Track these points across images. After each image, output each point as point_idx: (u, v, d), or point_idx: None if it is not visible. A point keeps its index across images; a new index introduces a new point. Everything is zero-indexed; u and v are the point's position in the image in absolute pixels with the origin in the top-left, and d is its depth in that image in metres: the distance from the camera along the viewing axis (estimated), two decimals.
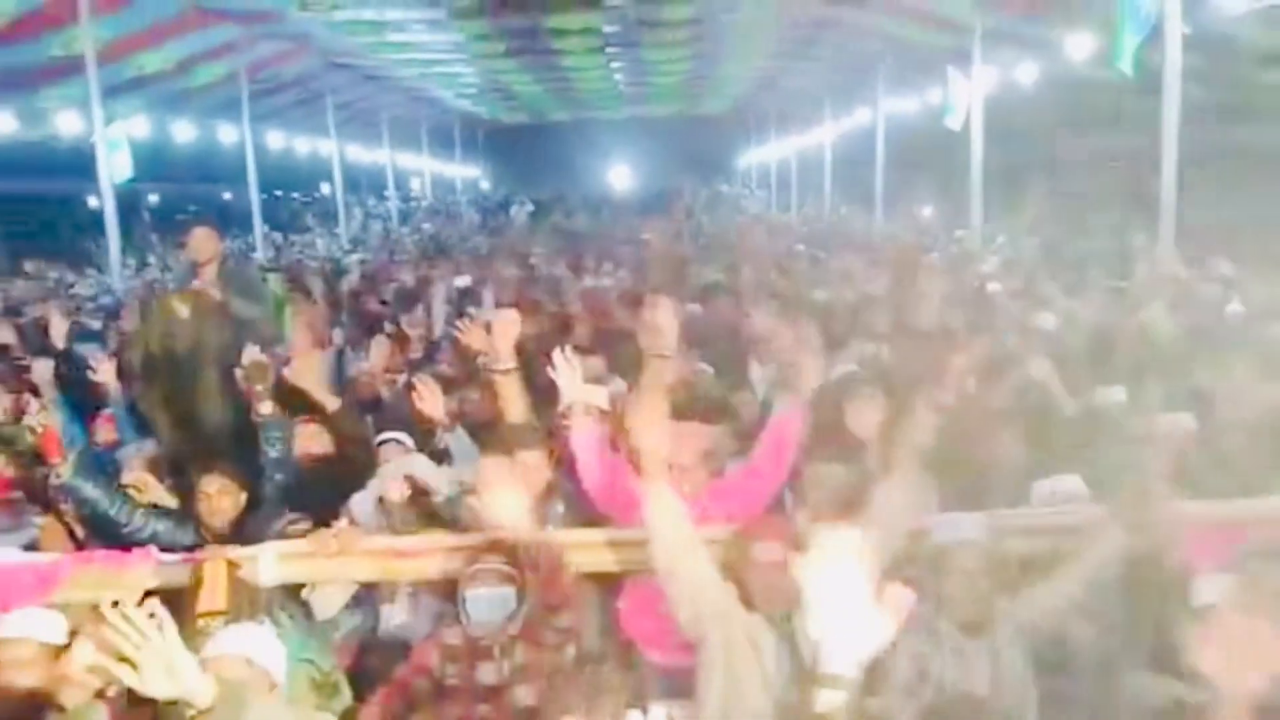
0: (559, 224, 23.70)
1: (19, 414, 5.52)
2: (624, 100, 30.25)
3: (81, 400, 5.99)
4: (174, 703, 2.07)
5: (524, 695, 2.95)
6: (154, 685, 2.03)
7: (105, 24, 11.96)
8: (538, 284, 9.82)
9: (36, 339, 8.50)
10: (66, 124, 13.56)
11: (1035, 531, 3.35)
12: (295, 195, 30.07)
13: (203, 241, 5.40)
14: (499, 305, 7.70)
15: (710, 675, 2.83)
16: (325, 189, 24.50)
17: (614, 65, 23.27)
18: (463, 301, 8.69)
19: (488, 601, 2.97)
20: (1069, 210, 15.79)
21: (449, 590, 3.11)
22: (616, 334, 5.88)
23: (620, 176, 38.08)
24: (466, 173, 37.40)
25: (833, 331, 6.45)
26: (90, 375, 5.61)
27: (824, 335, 6.06)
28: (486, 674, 2.96)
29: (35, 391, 6.27)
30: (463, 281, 10.13)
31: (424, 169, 33.34)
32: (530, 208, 28.59)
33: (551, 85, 25.76)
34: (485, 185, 38.74)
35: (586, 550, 3.30)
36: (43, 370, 6.37)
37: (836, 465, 3.56)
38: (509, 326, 3.92)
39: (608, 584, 3.48)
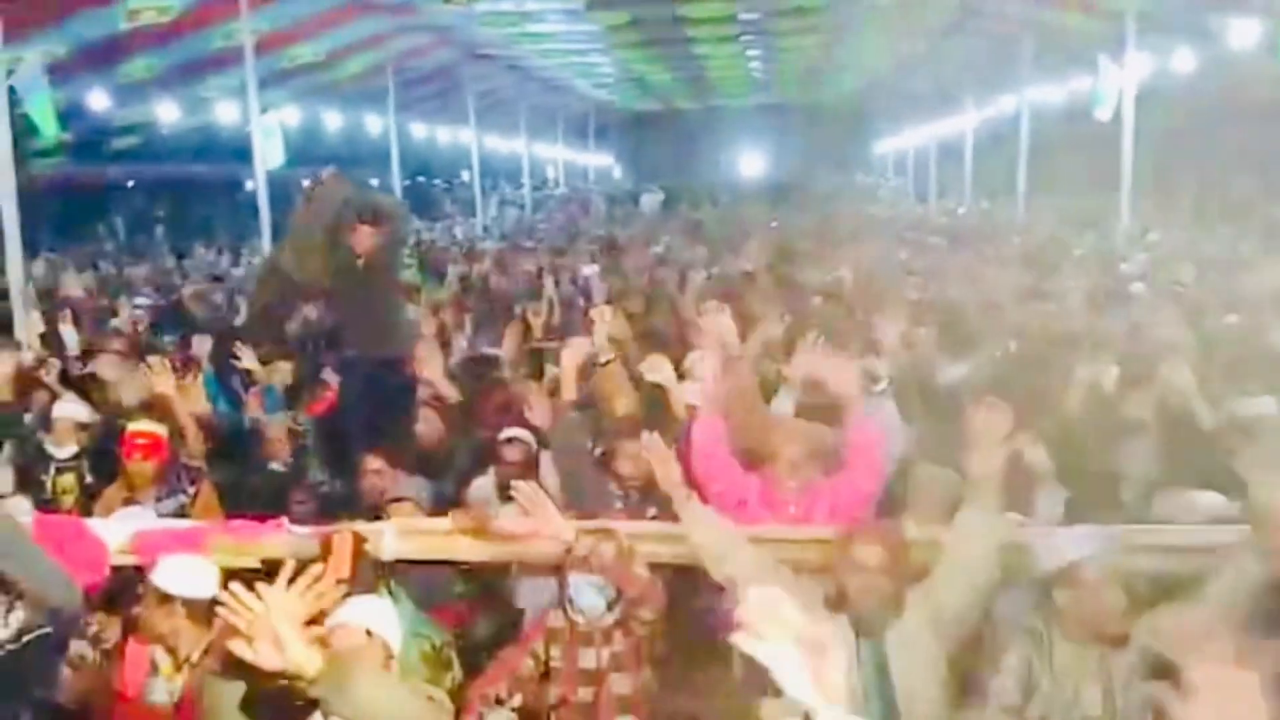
0: (685, 213, 23.75)
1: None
2: (757, 87, 30.05)
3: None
4: (282, 673, 2.18)
5: (620, 683, 3.03)
6: (265, 657, 2.15)
7: (263, 17, 12.62)
8: (661, 274, 9.86)
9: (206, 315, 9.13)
10: (225, 112, 14.35)
11: (1168, 549, 3.20)
12: (436, 181, 31.00)
13: (364, 237, 5.68)
14: (613, 296, 7.82)
15: None
16: (465, 176, 25.20)
17: (749, 53, 23.15)
18: (585, 290, 8.82)
19: (588, 588, 3.06)
20: (1225, 206, 14.87)
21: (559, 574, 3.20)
22: None
23: (751, 164, 37.72)
24: (600, 161, 37.83)
25: (961, 332, 6.29)
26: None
27: (952, 336, 5.96)
28: (587, 659, 3.05)
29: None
30: (589, 270, 10.27)
31: (559, 157, 33.89)
32: (660, 196, 28.68)
33: (684, 73, 25.85)
34: (617, 174, 39.06)
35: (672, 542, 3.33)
36: (200, 345, 6.84)
37: (942, 469, 3.50)
38: (603, 320, 4.02)
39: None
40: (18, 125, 8.05)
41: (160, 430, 4.52)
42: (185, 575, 3.18)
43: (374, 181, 24.31)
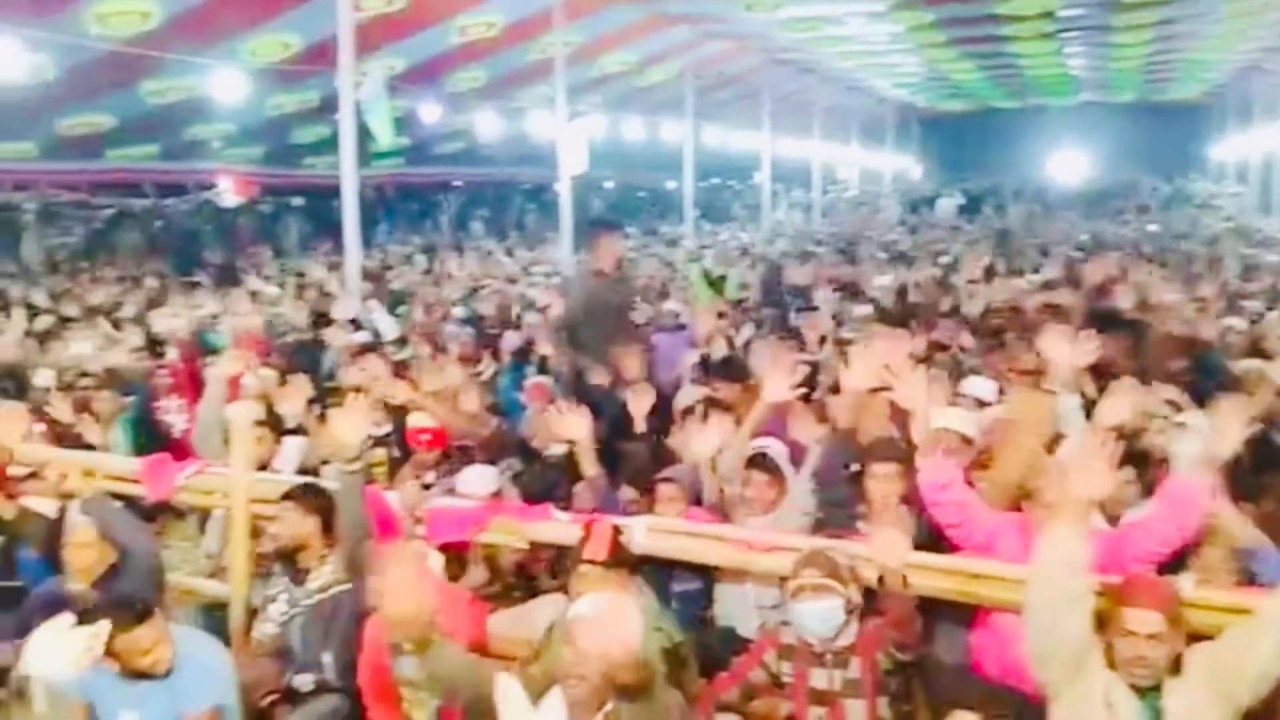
0: (988, 220, 22.55)
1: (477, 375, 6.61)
2: (1077, 86, 27.97)
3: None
4: None
5: (856, 709, 3.00)
6: None
7: (575, 30, 13.44)
8: (950, 287, 9.43)
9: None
10: (538, 119, 15.34)
11: None
12: (731, 183, 31.47)
13: (604, 247, 6.02)
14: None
15: None
16: (757, 179, 25.44)
17: (1068, 50, 21.62)
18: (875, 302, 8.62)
19: (812, 615, 3.03)
20: None
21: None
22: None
23: (1066, 168, 34.96)
24: (897, 163, 36.69)
25: None
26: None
27: None
28: (818, 679, 3.04)
29: (497, 358, 7.38)
30: (883, 280, 9.95)
31: (853, 160, 33.31)
32: (960, 200, 27.30)
33: (996, 73, 24.56)
34: (916, 176, 37.72)
35: (935, 574, 3.22)
36: (509, 341, 7.45)
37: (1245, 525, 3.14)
38: (891, 345, 3.91)
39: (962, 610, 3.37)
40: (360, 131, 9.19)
41: (435, 424, 5.00)
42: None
43: (670, 185, 25.26)
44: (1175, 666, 2.67)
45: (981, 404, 4.76)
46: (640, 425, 4.91)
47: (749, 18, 15.82)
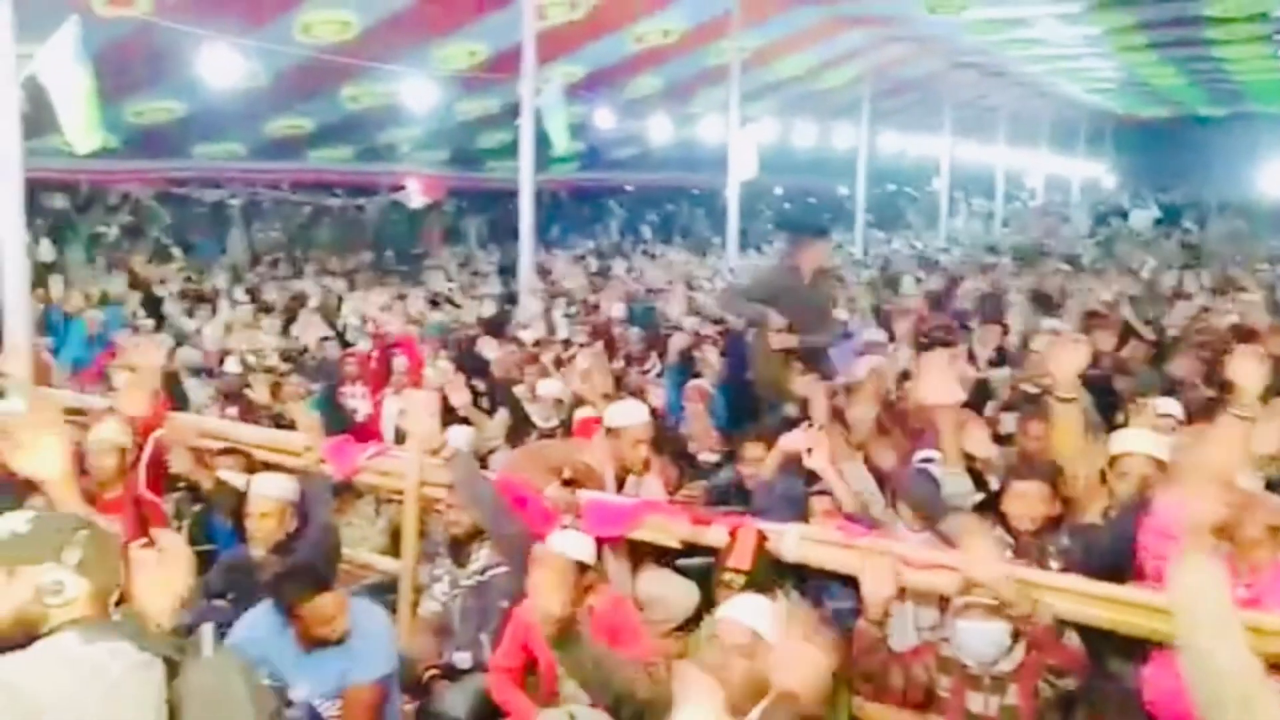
0: (1185, 235, 21.05)
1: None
2: None
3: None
4: None
5: None
6: None
7: (752, 34, 13.41)
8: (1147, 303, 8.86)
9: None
10: (711, 125, 15.36)
11: None
12: (907, 189, 30.60)
13: (810, 252, 6.03)
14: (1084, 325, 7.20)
15: None
16: (935, 185, 24.65)
17: None
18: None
19: (976, 634, 2.93)
20: None
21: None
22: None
23: (1278, 181, 32.19)
24: (1088, 171, 34.71)
25: None
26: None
27: None
28: (974, 702, 2.94)
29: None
30: (1106, 295, 9.34)
31: (1039, 167, 31.76)
32: (1155, 213, 25.58)
33: (1201, 77, 22.90)
34: (1108, 185, 35.57)
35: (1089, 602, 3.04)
36: (678, 341, 7.54)
37: None
38: (1073, 353, 3.70)
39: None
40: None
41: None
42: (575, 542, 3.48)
43: (842, 190, 24.81)
44: None
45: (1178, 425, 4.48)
46: None
47: (932, 20, 15.35)
